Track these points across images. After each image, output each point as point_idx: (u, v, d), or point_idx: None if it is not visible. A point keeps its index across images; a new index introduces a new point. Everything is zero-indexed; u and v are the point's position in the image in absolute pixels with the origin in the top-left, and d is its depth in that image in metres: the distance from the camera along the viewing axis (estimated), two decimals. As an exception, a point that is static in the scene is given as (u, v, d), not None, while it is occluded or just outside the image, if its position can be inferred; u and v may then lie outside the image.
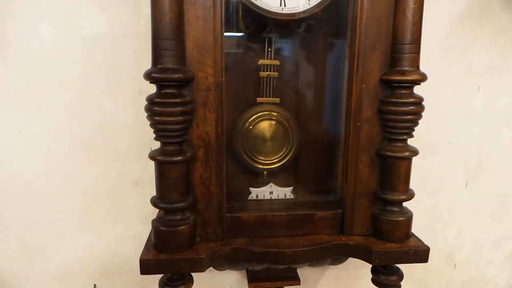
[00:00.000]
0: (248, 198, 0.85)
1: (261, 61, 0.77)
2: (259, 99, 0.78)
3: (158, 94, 0.62)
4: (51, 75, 0.83)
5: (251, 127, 0.78)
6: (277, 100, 0.78)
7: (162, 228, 0.65)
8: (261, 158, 0.81)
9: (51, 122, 0.85)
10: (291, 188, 0.85)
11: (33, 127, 0.85)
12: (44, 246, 0.90)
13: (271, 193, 0.85)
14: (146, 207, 0.89)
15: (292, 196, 0.85)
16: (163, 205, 0.64)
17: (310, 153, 0.87)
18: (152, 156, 0.63)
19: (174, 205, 0.64)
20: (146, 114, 0.62)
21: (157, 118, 0.61)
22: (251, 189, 0.85)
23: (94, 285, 0.94)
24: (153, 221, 0.66)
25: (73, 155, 0.87)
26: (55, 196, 0.88)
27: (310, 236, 0.72)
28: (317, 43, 0.81)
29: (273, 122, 0.79)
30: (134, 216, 0.91)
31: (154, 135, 0.64)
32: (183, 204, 0.64)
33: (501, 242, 1.02)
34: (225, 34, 0.64)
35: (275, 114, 0.79)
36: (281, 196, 0.85)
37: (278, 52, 0.79)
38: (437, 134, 0.94)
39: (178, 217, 0.65)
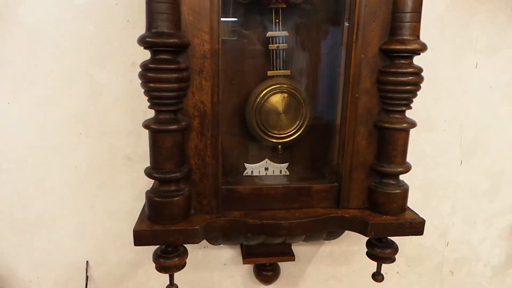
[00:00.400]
0: (243, 174, 0.84)
1: (269, 34, 0.76)
2: (269, 73, 0.77)
3: (152, 60, 0.60)
4: (41, 46, 0.80)
5: (263, 102, 0.77)
6: (288, 72, 0.77)
7: (156, 199, 0.63)
8: (275, 132, 0.80)
9: (41, 94, 0.82)
10: (286, 164, 0.84)
11: (22, 100, 0.82)
12: (35, 222, 0.89)
13: (266, 169, 0.84)
14: (139, 183, 0.88)
15: (288, 173, 0.84)
16: (157, 175, 0.63)
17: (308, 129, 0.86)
18: (146, 125, 0.62)
19: (168, 175, 0.63)
20: (140, 81, 0.61)
21: (151, 85, 0.59)
22: (246, 165, 0.84)
23: (87, 261, 0.93)
24: (147, 192, 0.65)
25: (65, 129, 0.85)
26: (46, 171, 0.87)
27: (306, 209, 0.72)
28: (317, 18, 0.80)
29: (285, 95, 0.78)
30: (128, 191, 0.89)
31: (148, 109, 0.62)
32: (177, 174, 0.63)
33: (494, 220, 1.03)
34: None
35: (286, 86, 0.78)
36: (277, 172, 0.84)
37: (285, 23, 0.77)
38: (433, 111, 0.93)
39: (172, 188, 0.64)
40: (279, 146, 0.82)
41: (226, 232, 0.69)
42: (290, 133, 0.82)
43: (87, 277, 0.93)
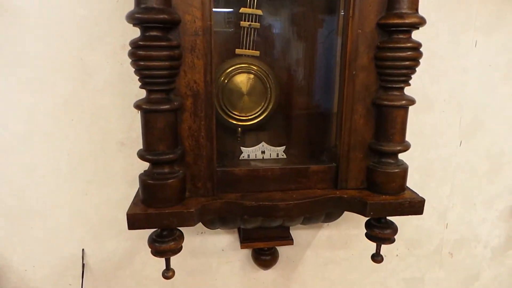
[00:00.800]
0: (240, 158, 0.83)
1: (242, 9, 0.73)
2: (238, 51, 0.74)
3: (142, 37, 0.58)
4: (29, 29, 0.78)
5: (227, 80, 0.74)
6: (257, 53, 0.74)
7: (150, 181, 0.62)
8: (236, 113, 0.78)
9: (29, 79, 0.80)
10: (283, 147, 0.83)
11: (10, 85, 0.80)
12: (29, 210, 0.87)
13: (263, 152, 0.82)
14: (133, 169, 0.87)
15: (285, 156, 0.83)
16: (150, 157, 0.61)
17: (304, 112, 0.85)
18: (137, 105, 0.60)
19: (161, 157, 0.61)
20: (130, 60, 0.59)
21: (141, 63, 0.57)
22: (243, 148, 0.82)
23: (83, 250, 0.92)
24: (141, 175, 0.63)
25: (55, 115, 0.82)
26: (37, 158, 0.85)
27: (303, 190, 0.70)
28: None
29: (251, 76, 0.75)
30: (122, 178, 0.88)
31: (140, 93, 0.60)
32: (171, 156, 0.61)
33: (493, 201, 1.03)
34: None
35: (254, 68, 0.76)
36: (274, 156, 0.83)
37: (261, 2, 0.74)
38: (432, 91, 0.92)
39: (166, 170, 0.63)
40: (239, 129, 0.79)
41: (222, 215, 0.67)
42: (252, 117, 0.79)
43: (83, 265, 0.92)
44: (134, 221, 0.62)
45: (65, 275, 0.92)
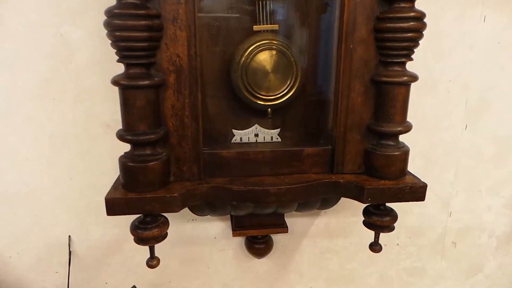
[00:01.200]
0: (232, 141, 0.78)
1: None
2: (255, 27, 0.68)
3: (117, 4, 0.53)
4: (5, 1, 0.73)
5: (249, 60, 0.69)
6: (276, 26, 0.69)
7: (130, 163, 0.58)
8: (263, 93, 0.72)
9: (7, 55, 0.75)
10: (277, 130, 0.78)
11: (-13, 63, 0.75)
12: (11, 195, 0.83)
13: (256, 135, 0.77)
14: (120, 152, 0.81)
15: (279, 139, 0.78)
16: (129, 138, 0.57)
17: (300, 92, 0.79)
18: (115, 81, 0.55)
19: (142, 138, 0.56)
20: (106, 31, 0.54)
21: (117, 33, 0.52)
22: (235, 131, 0.78)
23: (69, 236, 0.88)
24: (121, 157, 0.59)
25: (36, 94, 0.78)
26: (19, 141, 0.81)
27: (297, 175, 0.66)
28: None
29: (274, 52, 0.70)
30: (108, 161, 0.83)
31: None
32: (152, 136, 0.57)
33: (499, 188, 0.97)
34: None
35: (275, 42, 0.70)
36: (268, 139, 0.78)
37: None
38: (436, 70, 0.86)
39: (148, 151, 0.58)
40: (269, 109, 0.75)
41: (208, 200, 0.63)
42: (280, 95, 0.74)
43: (69, 252, 0.88)
44: (113, 206, 0.58)
45: (51, 262, 0.89)
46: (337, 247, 0.98)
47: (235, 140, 0.78)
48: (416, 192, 0.63)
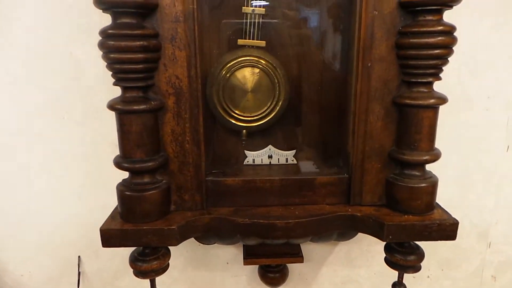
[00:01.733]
0: (244, 163, 0.73)
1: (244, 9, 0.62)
2: (240, 41, 0.63)
3: (113, 25, 0.49)
4: (16, 18, 0.72)
5: (229, 75, 0.64)
6: (263, 43, 0.63)
7: (127, 192, 0.54)
8: (238, 113, 0.66)
9: (17, 73, 0.75)
10: (293, 151, 0.72)
11: (-1, 80, 0.75)
12: (23, 213, 0.83)
13: (270, 157, 0.72)
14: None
15: (295, 161, 0.72)
16: (126, 165, 0.53)
17: (317, 109, 0.73)
18: (110, 105, 0.52)
19: (138, 165, 0.53)
20: (101, 53, 0.51)
21: (112, 55, 0.49)
22: (247, 152, 0.73)
23: (79, 257, 0.86)
24: (118, 185, 0.56)
25: (45, 112, 0.77)
26: (29, 159, 0.80)
27: (309, 206, 0.60)
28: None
29: (256, 70, 0.64)
30: (116, 181, 0.80)
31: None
32: (150, 164, 0.53)
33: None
34: None
35: (260, 61, 0.64)
36: (282, 161, 0.72)
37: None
38: (472, 86, 0.77)
39: (146, 179, 0.54)
40: (244, 131, 0.67)
41: (210, 233, 0.58)
42: (256, 117, 0.67)
43: (79, 273, 0.86)
44: (109, 238, 0.54)
45: (61, 282, 0.88)
46: (359, 278, 0.90)
47: (247, 162, 0.73)
48: (445, 230, 0.55)
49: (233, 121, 0.66)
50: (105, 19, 0.71)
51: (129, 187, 0.54)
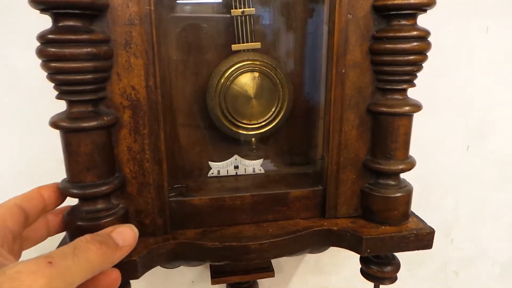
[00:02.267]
0: (208, 175, 0.68)
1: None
2: (234, 46, 0.59)
3: (53, 28, 0.42)
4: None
5: (228, 83, 0.59)
6: (258, 45, 0.59)
7: (78, 223, 0.46)
8: (245, 122, 0.63)
9: None
10: (260, 160, 0.68)
11: None
12: None
13: (236, 167, 0.68)
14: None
15: (262, 171, 0.68)
16: (74, 191, 0.45)
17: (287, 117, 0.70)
18: (53, 122, 0.44)
19: (90, 191, 0.45)
20: (40, 61, 0.43)
21: (53, 64, 0.41)
22: (211, 163, 0.68)
23: None
24: (66, 214, 0.48)
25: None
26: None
27: (283, 222, 0.56)
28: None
29: (256, 74, 0.60)
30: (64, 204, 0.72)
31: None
32: (104, 188, 0.46)
33: (501, 212, 0.90)
34: None
35: (257, 63, 0.60)
36: (249, 171, 0.68)
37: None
38: (435, 88, 0.77)
39: (99, 206, 0.47)
40: (253, 139, 0.65)
41: (176, 259, 0.52)
42: (264, 123, 0.64)
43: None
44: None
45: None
46: (330, 285, 0.88)
47: (212, 173, 0.68)
48: (422, 240, 0.54)
49: (243, 132, 0.63)
50: (46, 19, 0.62)
51: (80, 216, 0.47)
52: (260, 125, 0.65)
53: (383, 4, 0.48)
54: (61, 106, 0.45)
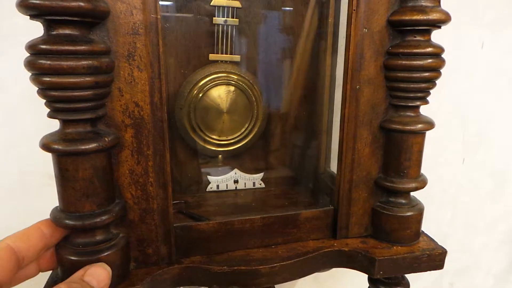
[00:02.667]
0: (207, 190, 0.65)
1: (214, 1, 0.54)
2: (212, 56, 0.56)
3: (45, 37, 0.37)
4: None
5: (201, 95, 0.56)
6: (238, 58, 0.57)
7: (72, 258, 0.41)
8: (214, 137, 0.60)
9: None
10: (261, 174, 0.66)
11: None
12: None
13: (236, 181, 0.65)
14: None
15: (263, 185, 0.66)
16: (71, 222, 0.40)
17: (281, 129, 0.67)
18: (44, 144, 0.39)
19: (89, 221, 0.40)
20: (30, 74, 0.38)
21: (46, 79, 0.36)
22: (210, 178, 0.64)
23: None
24: (58, 248, 0.42)
25: None
26: None
27: (293, 244, 0.53)
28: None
29: (232, 88, 0.58)
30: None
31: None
32: (104, 218, 0.41)
33: (496, 223, 0.91)
34: None
35: (234, 77, 0.58)
36: (249, 185, 0.65)
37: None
38: (431, 101, 0.77)
39: (98, 237, 0.42)
40: (220, 156, 0.63)
41: (181, 285, 0.48)
42: (233, 140, 0.62)
43: None
44: (49, 318, 0.41)
45: None
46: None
47: (211, 188, 0.65)
48: (434, 260, 0.52)
49: (211, 147, 0.61)
50: (34, 22, 0.57)
51: (75, 250, 0.41)
52: (228, 142, 0.62)
53: (399, 19, 0.46)
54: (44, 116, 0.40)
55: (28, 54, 0.37)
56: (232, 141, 0.61)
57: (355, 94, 0.48)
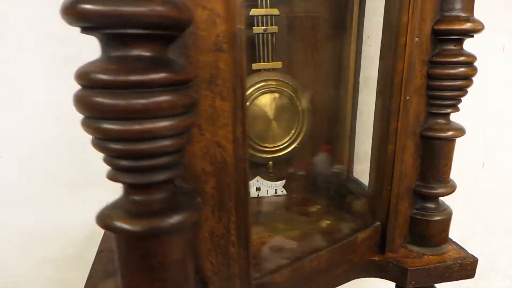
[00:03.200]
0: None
1: (253, 11, 0.53)
2: (255, 65, 0.54)
3: (107, 61, 0.23)
4: None
5: (248, 104, 0.52)
6: (279, 64, 0.56)
7: None
8: (265, 145, 0.59)
9: None
10: (283, 182, 0.64)
11: None
12: None
13: (258, 189, 0.63)
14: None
15: (284, 192, 0.63)
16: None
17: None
18: (107, 223, 0.25)
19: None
20: (81, 119, 0.23)
21: (108, 126, 0.23)
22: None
23: None
24: None
25: None
26: None
27: (352, 273, 0.49)
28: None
29: (276, 95, 0.56)
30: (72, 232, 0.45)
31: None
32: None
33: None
34: None
35: (276, 83, 0.57)
36: (271, 193, 0.64)
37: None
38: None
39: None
40: (270, 162, 0.61)
41: None
42: (282, 146, 0.61)
43: None
44: None
45: None
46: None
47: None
48: (466, 269, 0.54)
49: (264, 155, 0.59)
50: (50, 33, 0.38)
51: None
52: (278, 148, 0.61)
53: (446, 28, 0.46)
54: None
55: (80, 86, 0.23)
56: (281, 146, 0.60)
57: (406, 106, 0.47)
